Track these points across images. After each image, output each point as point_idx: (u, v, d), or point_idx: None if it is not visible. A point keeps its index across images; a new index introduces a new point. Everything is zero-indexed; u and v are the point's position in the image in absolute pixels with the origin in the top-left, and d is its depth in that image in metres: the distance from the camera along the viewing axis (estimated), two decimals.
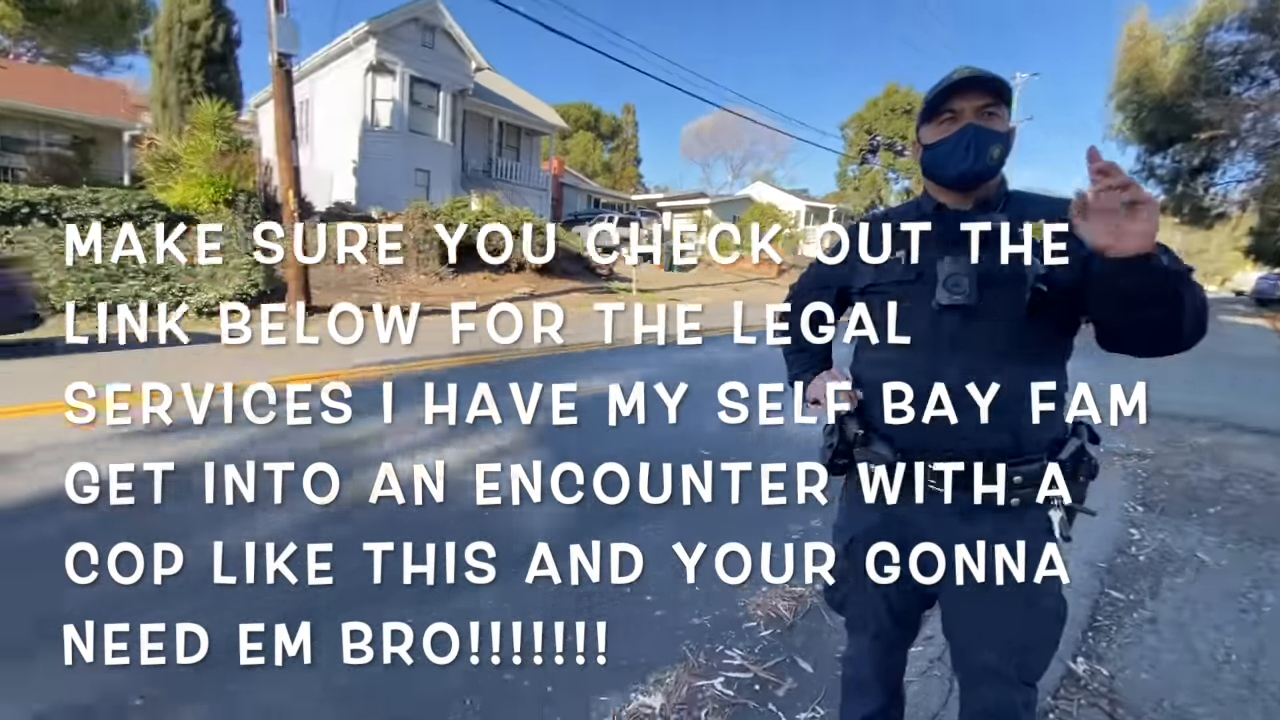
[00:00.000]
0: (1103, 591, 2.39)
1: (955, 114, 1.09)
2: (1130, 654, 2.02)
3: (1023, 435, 1.08)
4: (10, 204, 9.03)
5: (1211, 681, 1.91)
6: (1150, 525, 3.03)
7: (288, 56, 9.99)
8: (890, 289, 1.15)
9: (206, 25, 16.29)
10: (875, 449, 1.15)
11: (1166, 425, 5.12)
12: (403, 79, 17.99)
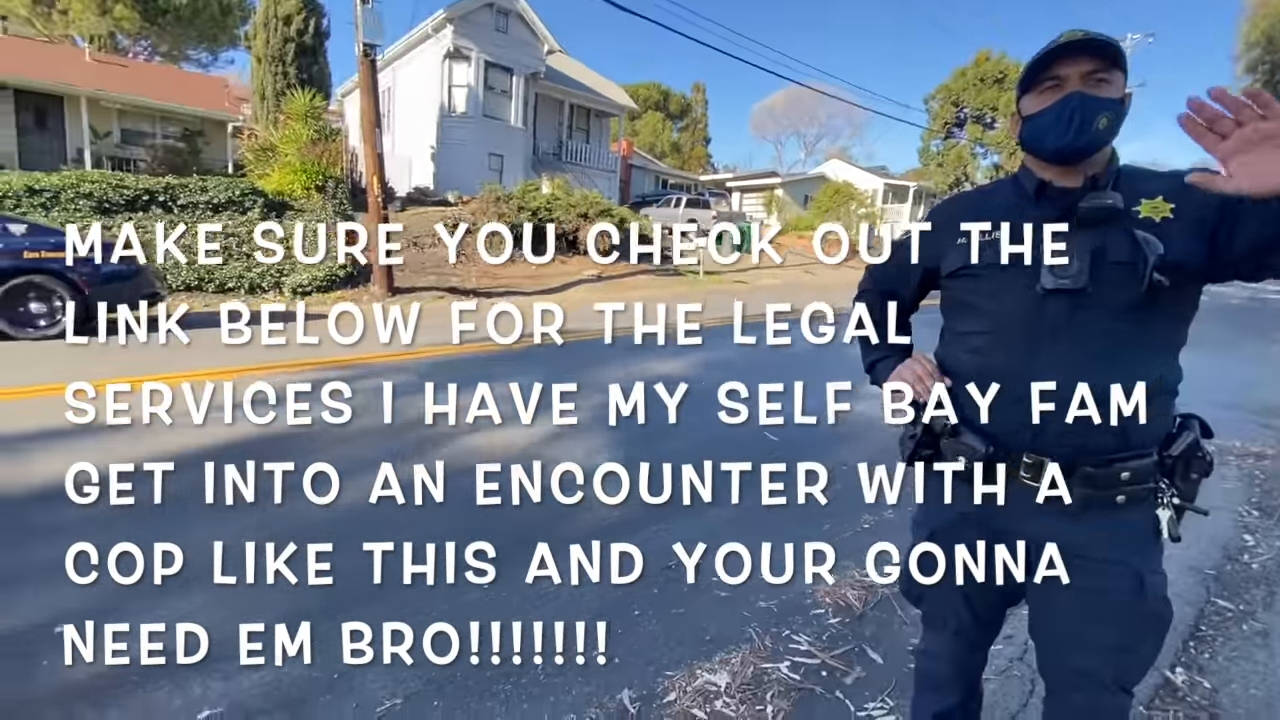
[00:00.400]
0: (1209, 600, 2.21)
1: (1060, 81, 1.01)
2: (1237, 668, 1.87)
3: (1131, 430, 1.00)
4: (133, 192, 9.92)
5: None
6: (1267, 532, 2.77)
7: (373, 46, 10.41)
8: (986, 272, 1.09)
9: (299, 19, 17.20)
10: (966, 441, 1.08)
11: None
12: (478, 64, 18.40)
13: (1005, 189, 1.15)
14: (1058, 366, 1.01)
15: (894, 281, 1.28)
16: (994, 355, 1.07)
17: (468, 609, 1.53)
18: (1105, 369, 0.99)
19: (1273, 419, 4.73)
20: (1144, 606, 1.02)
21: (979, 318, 1.10)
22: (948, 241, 1.15)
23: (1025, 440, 1.04)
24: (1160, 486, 1.01)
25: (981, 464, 1.08)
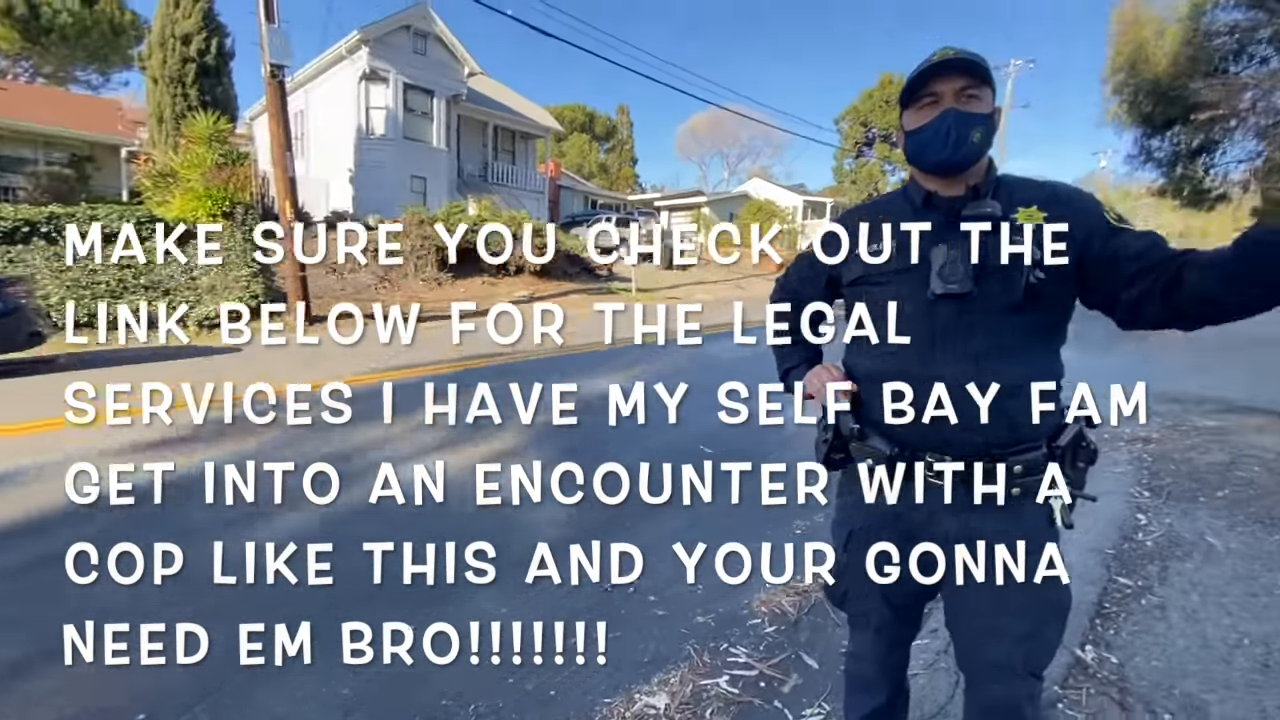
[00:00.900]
0: (1110, 578, 2.36)
1: (936, 98, 1.06)
2: (1140, 641, 1.99)
3: (1021, 425, 1.06)
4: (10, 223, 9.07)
5: (1224, 667, 1.88)
6: (1157, 510, 3.00)
7: (281, 68, 10.00)
8: (883, 279, 1.13)
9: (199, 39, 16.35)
10: (872, 444, 1.13)
11: (1172, 409, 5.09)
12: (396, 86, 18.02)
13: (897, 200, 1.20)
14: (951, 367, 1.05)
15: (802, 290, 1.31)
16: (893, 359, 1.10)
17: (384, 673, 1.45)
18: (993, 368, 1.03)
19: (1157, 404, 5.18)
20: (1045, 594, 1.07)
21: (878, 323, 1.14)
22: (849, 251, 1.19)
23: (926, 440, 1.08)
24: (1052, 478, 1.07)
25: (888, 465, 1.11)
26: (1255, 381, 6.08)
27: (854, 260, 1.18)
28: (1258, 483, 3.35)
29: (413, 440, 3.79)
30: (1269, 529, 2.79)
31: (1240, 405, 5.16)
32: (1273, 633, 2.04)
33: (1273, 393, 5.53)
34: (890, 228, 1.14)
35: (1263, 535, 2.73)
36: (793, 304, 1.32)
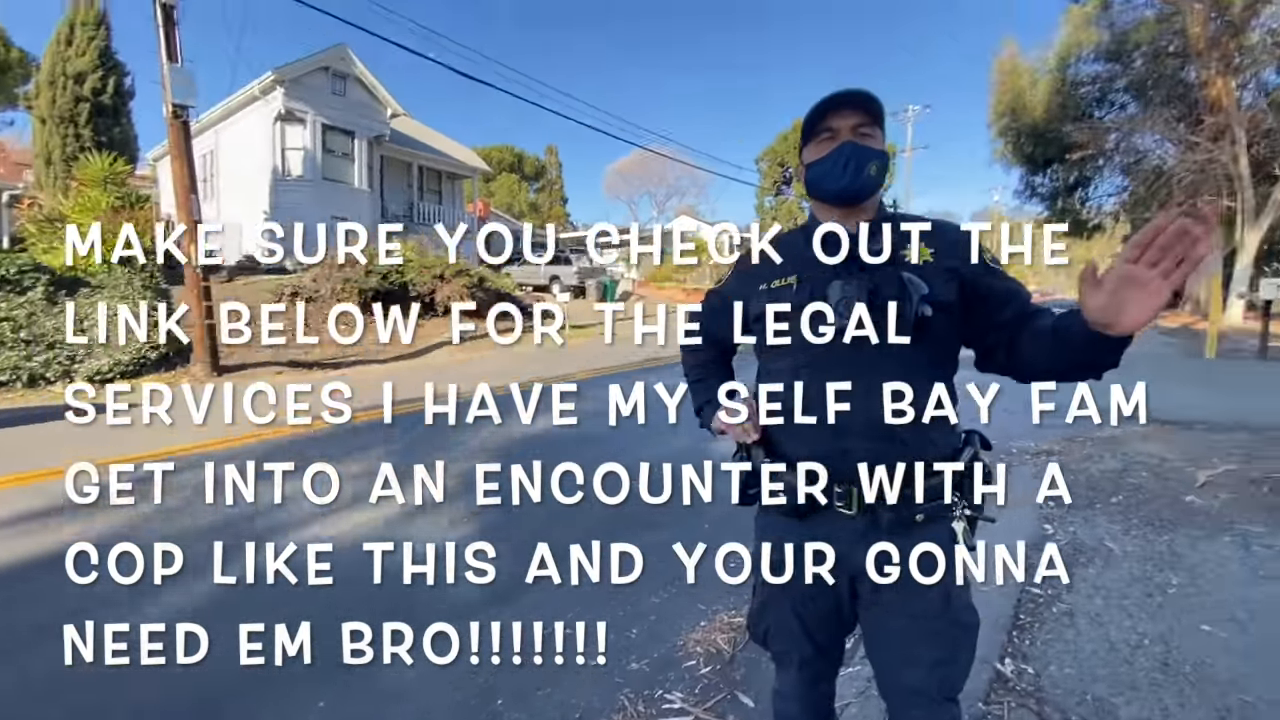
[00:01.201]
0: (1024, 589, 2.46)
1: (833, 132, 1.12)
2: (1053, 650, 2.08)
3: (921, 450, 1.09)
4: None
5: (1127, 668, 1.98)
6: (1061, 519, 3.18)
7: (184, 108, 9.55)
8: (785, 313, 1.16)
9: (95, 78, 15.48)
10: (784, 477, 1.14)
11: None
12: (314, 127, 17.58)
13: (799, 236, 1.23)
14: (852, 398, 1.08)
15: (713, 326, 1.33)
16: (799, 392, 1.12)
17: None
18: (890, 397, 1.07)
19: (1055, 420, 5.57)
20: (953, 618, 1.09)
21: (783, 356, 1.16)
22: (753, 286, 1.22)
23: (834, 470, 1.10)
24: (953, 501, 1.10)
25: (800, 497, 1.11)
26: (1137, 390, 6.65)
27: (757, 293, 1.20)
28: (1146, 488, 3.63)
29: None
30: (1159, 531, 3.01)
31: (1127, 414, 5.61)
32: (1168, 630, 2.18)
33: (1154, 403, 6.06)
34: (790, 263, 1.17)
35: (1154, 537, 2.94)
36: (704, 340, 1.34)
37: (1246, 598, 2.41)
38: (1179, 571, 2.60)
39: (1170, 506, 3.32)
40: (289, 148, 17.70)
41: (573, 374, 8.34)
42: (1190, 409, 5.69)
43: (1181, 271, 0.83)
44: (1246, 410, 5.61)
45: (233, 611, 1.38)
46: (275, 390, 1.44)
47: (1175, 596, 2.43)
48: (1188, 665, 1.99)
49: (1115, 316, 0.86)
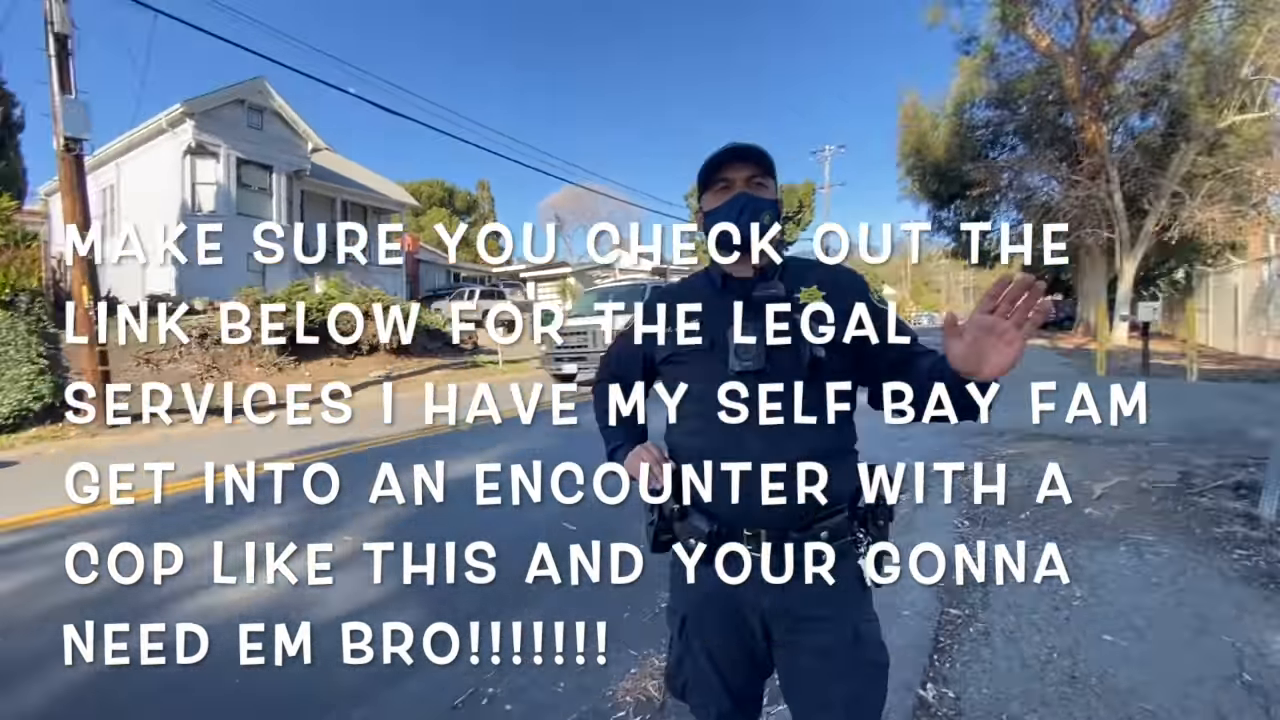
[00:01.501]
0: (943, 611, 2.53)
1: (729, 183, 1.15)
2: (971, 671, 2.13)
3: (824, 491, 1.10)
4: None
5: (1039, 684, 2.06)
6: (975, 538, 3.32)
7: (78, 141, 8.93)
8: (688, 359, 1.16)
9: None
10: (693, 523, 1.13)
11: (980, 440, 5.78)
12: (228, 161, 16.82)
13: (700, 281, 1.25)
14: (755, 441, 1.08)
15: (623, 369, 1.32)
16: (705, 435, 1.12)
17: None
18: (793, 439, 1.08)
19: (969, 438, 5.87)
20: (863, 655, 1.09)
21: (688, 401, 1.16)
22: (657, 331, 1.22)
23: (741, 515, 1.09)
24: (858, 537, 1.11)
25: (709, 543, 1.10)
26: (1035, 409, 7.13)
27: (662, 340, 1.21)
28: (1051, 503, 3.85)
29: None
30: (1062, 544, 3.18)
31: (1030, 433, 5.98)
32: (1074, 643, 2.28)
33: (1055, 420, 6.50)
34: (693, 308, 1.18)
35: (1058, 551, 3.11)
36: (615, 383, 1.32)
37: (1141, 605, 2.57)
38: (1082, 583, 2.75)
39: (1072, 520, 3.53)
40: (200, 182, 16.82)
41: None
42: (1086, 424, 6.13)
43: (1033, 322, 0.87)
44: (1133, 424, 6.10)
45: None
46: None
47: (1080, 608, 2.56)
48: (1093, 677, 2.08)
49: (977, 365, 0.91)
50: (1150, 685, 2.03)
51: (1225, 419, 6.05)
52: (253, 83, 17.27)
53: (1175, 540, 3.16)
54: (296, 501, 1.47)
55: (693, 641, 1.16)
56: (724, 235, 1.15)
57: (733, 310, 1.13)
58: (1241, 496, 3.69)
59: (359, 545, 3.25)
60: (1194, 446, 5.02)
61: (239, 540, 1.32)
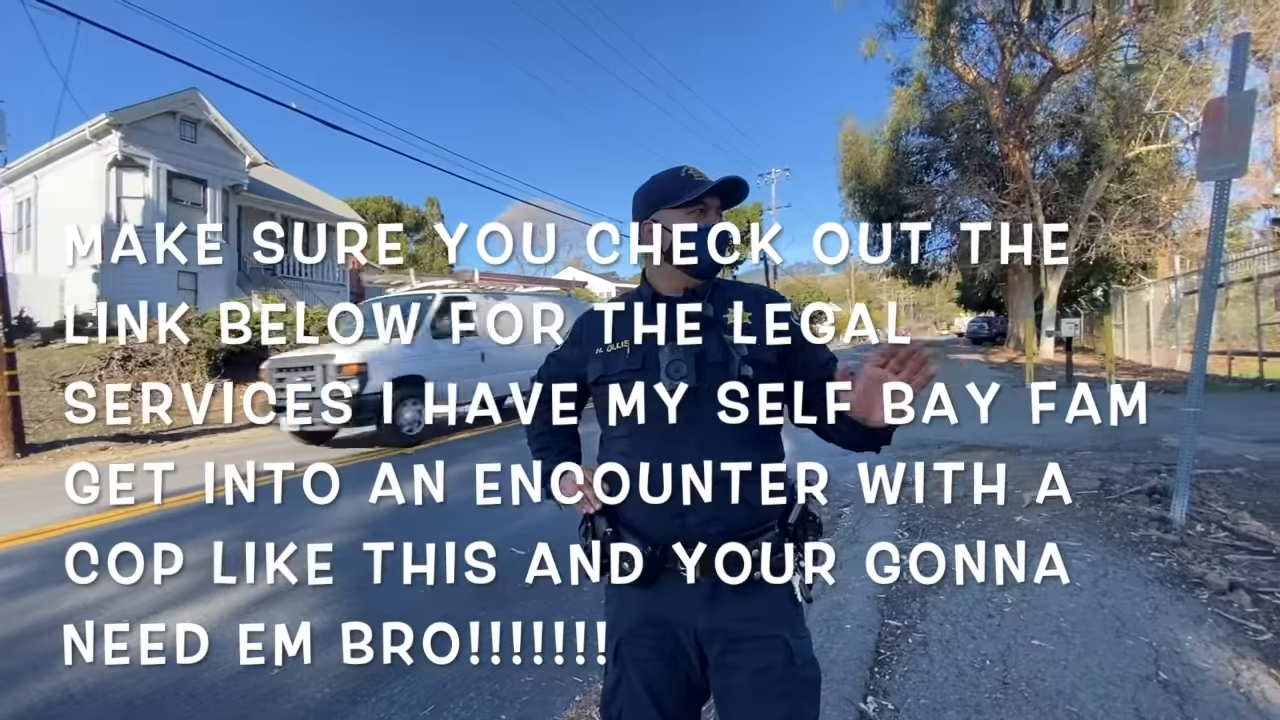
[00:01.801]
0: (884, 623, 2.58)
1: (706, 209, 1.16)
2: (910, 682, 2.17)
3: (755, 509, 1.11)
4: None
5: (973, 691, 2.11)
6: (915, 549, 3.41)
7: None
8: (620, 377, 1.16)
9: None
10: (626, 544, 1.12)
11: (921, 452, 5.98)
12: (158, 174, 16.06)
13: (632, 300, 1.25)
14: (686, 460, 1.08)
15: (552, 389, 1.30)
16: (637, 455, 1.12)
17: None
18: (724, 457, 1.09)
19: (911, 451, 6.07)
20: (795, 674, 1.09)
21: (620, 421, 1.15)
22: (590, 350, 1.21)
23: (675, 533, 1.09)
24: (787, 554, 1.12)
25: (643, 564, 1.09)
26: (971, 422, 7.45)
27: (594, 358, 1.20)
28: (984, 512, 4.00)
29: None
30: None
31: (969, 444, 6.24)
32: (1005, 649, 2.36)
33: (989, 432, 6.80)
34: (624, 327, 1.18)
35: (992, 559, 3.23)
36: (546, 404, 1.30)
37: (1067, 608, 2.68)
38: (1012, 589, 2.85)
39: (1004, 528, 3.68)
40: (126, 196, 15.98)
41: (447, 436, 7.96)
42: (1018, 435, 6.45)
43: (918, 383, 0.93)
44: (1058, 435, 6.43)
45: None
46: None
47: (1011, 614, 2.65)
48: (1024, 682, 2.15)
49: (868, 412, 0.96)
50: (1076, 687, 2.11)
51: (1141, 428, 6.45)
52: (186, 94, 16.60)
53: (1096, 545, 3.32)
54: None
55: (628, 668, 1.14)
56: (700, 264, 1.13)
57: (663, 329, 1.14)
58: (1155, 501, 3.92)
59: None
60: (1112, 455, 5.33)
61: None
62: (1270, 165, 20.78)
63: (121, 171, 15.83)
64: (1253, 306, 10.72)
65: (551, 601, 2.56)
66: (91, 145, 15.85)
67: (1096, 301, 23.30)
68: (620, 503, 1.14)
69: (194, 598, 3.02)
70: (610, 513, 1.15)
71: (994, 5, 18.69)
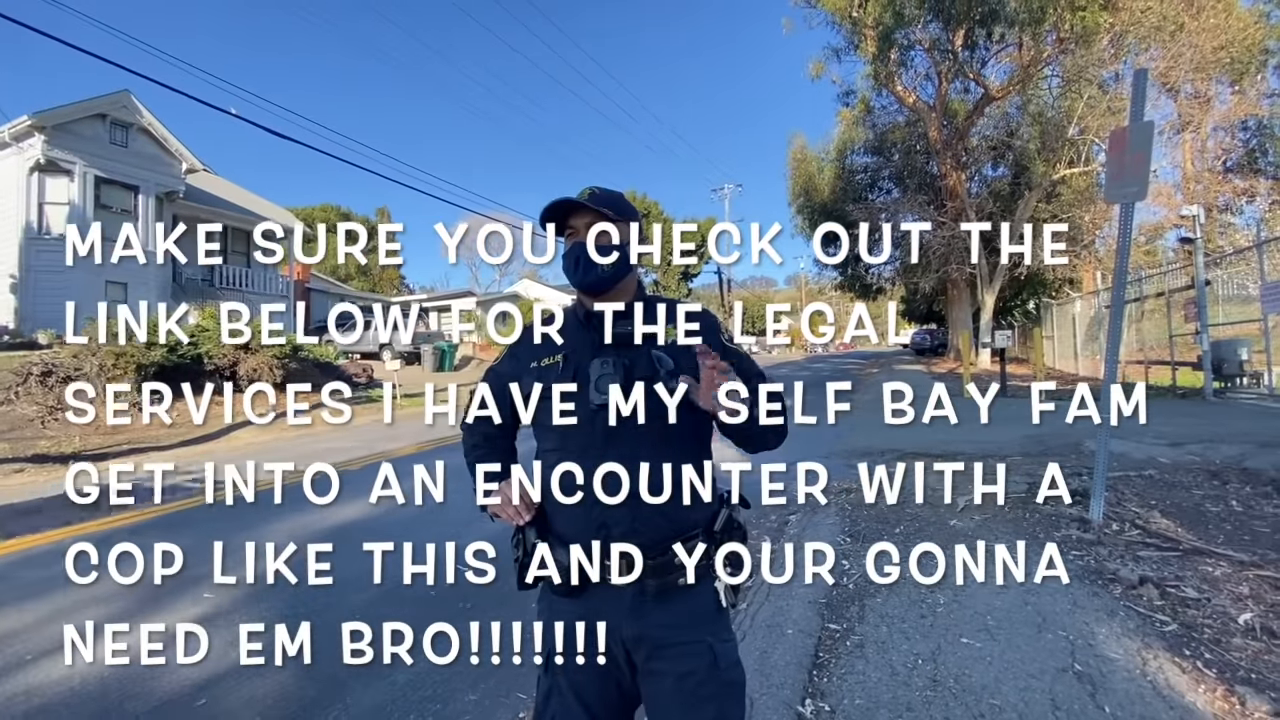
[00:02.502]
0: (823, 626, 2.66)
1: (574, 230, 1.20)
2: (846, 684, 2.25)
3: (680, 517, 1.15)
4: None
5: (905, 690, 2.20)
6: (856, 554, 3.53)
7: None
8: (553, 391, 1.18)
9: None
10: (558, 556, 1.14)
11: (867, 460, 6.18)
12: (84, 180, 15.22)
13: (568, 317, 1.28)
14: (616, 471, 1.12)
15: (494, 403, 1.31)
16: (564, 468, 1.14)
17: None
18: (651, 468, 1.12)
19: (854, 459, 6.26)
20: (720, 677, 1.13)
21: (553, 435, 1.18)
22: (525, 364, 1.23)
23: (604, 544, 1.11)
24: (712, 562, 1.16)
25: (571, 575, 1.11)
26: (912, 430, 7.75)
27: (529, 372, 1.22)
28: (920, 516, 4.17)
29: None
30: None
31: (909, 451, 6.48)
32: (937, 648, 2.47)
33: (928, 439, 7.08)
34: (555, 343, 1.21)
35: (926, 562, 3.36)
36: (483, 417, 1.31)
37: (994, 606, 2.82)
38: (945, 590, 2.98)
39: (940, 532, 3.84)
40: (49, 202, 15.09)
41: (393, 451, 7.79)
42: (955, 443, 6.74)
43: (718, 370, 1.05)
44: (991, 441, 6.75)
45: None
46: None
47: (943, 614, 2.77)
48: (952, 679, 2.25)
49: (709, 404, 1.06)
50: (999, 681, 2.22)
51: (1065, 434, 6.83)
52: (116, 96, 15.84)
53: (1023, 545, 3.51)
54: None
55: (559, 679, 1.16)
56: (571, 282, 1.20)
57: (594, 346, 1.17)
58: (1076, 503, 4.17)
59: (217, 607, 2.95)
60: (1039, 460, 5.63)
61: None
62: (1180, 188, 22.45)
63: (44, 176, 14.96)
64: (1166, 318, 11.54)
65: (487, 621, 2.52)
66: (11, 149, 14.94)
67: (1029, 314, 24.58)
68: (549, 512, 1.16)
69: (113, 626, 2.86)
70: (540, 523, 1.17)
71: (931, 33, 19.69)
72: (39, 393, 9.98)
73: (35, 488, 6.86)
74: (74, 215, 15.08)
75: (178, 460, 8.39)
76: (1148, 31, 16.19)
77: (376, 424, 11.28)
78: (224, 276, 19.45)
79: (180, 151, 17.34)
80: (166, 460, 8.40)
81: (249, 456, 8.35)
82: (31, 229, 14.74)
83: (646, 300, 1.25)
